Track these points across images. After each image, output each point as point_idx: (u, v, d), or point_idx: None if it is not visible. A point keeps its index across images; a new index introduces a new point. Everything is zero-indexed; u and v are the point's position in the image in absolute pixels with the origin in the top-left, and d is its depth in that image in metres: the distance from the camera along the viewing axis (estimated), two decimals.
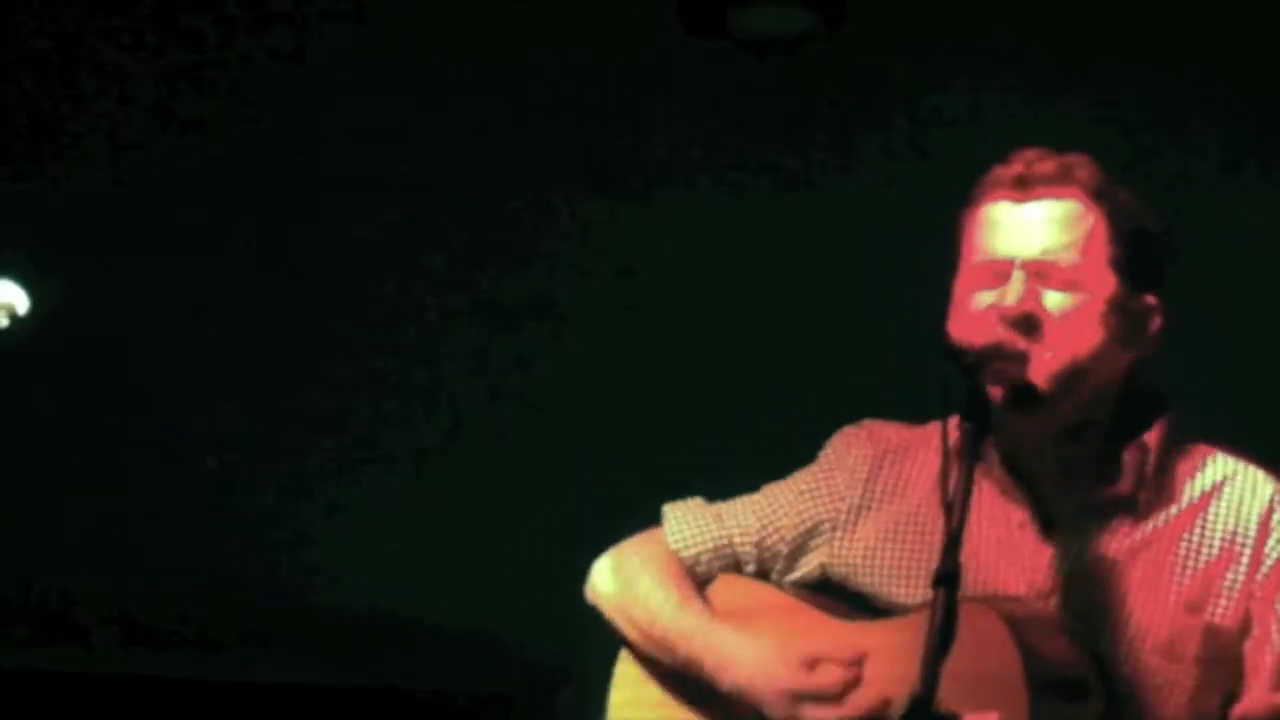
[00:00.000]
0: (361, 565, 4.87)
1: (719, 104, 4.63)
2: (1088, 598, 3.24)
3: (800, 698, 3.24)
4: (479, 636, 4.70)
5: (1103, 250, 3.22)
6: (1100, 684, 3.17)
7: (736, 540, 3.47)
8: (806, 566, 3.44)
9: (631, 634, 3.48)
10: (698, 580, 3.48)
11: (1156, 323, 3.27)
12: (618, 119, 4.68)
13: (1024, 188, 3.23)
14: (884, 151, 4.59)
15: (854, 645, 3.29)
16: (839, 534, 3.41)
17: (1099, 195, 3.23)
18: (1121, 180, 3.29)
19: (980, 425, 3.08)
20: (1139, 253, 3.24)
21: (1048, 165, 3.24)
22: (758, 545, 3.46)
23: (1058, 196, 3.23)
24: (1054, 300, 3.20)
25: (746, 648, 3.33)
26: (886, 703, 3.16)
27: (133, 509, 4.93)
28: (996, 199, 3.26)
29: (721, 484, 3.53)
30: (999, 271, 3.22)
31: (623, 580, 3.49)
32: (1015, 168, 3.25)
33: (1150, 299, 3.26)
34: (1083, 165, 3.25)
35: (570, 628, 3.56)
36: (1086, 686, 3.15)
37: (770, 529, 3.45)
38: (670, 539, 3.50)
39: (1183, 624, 3.21)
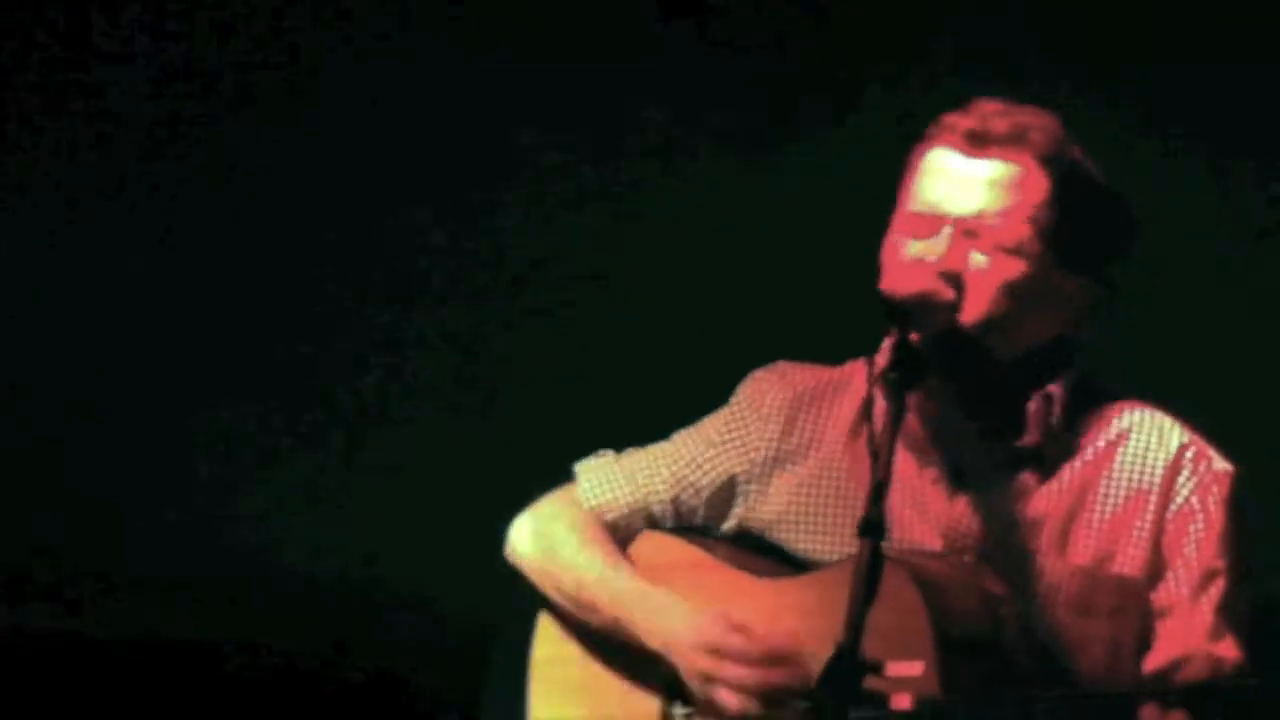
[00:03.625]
0: (292, 524, 4.84)
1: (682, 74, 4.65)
2: (1001, 554, 3.25)
3: (723, 656, 3.24)
4: (405, 595, 4.67)
5: (1041, 220, 3.20)
6: (1016, 640, 3.19)
7: (651, 501, 3.46)
8: (723, 521, 3.44)
9: (557, 597, 3.47)
10: (617, 539, 3.49)
11: (1086, 303, 3.26)
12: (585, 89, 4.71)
13: (975, 144, 3.21)
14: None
15: (773, 602, 3.30)
16: (754, 487, 3.40)
17: (1049, 162, 3.20)
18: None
19: (908, 375, 3.08)
20: (1081, 228, 3.22)
21: (1003, 125, 3.20)
22: (673, 502, 3.46)
23: (1006, 159, 3.20)
24: (979, 261, 3.19)
25: (678, 608, 3.32)
26: (806, 658, 3.16)
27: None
28: (946, 146, 3.23)
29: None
30: (932, 225, 3.22)
31: (545, 546, 3.48)
32: (970, 121, 3.22)
33: (1083, 280, 3.24)
34: (1039, 128, 3.21)
35: (494, 585, 3.55)
36: (997, 644, 3.16)
37: (685, 485, 3.45)
38: (585, 500, 3.49)
39: (1094, 578, 3.23)
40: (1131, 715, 3.02)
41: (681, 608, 3.31)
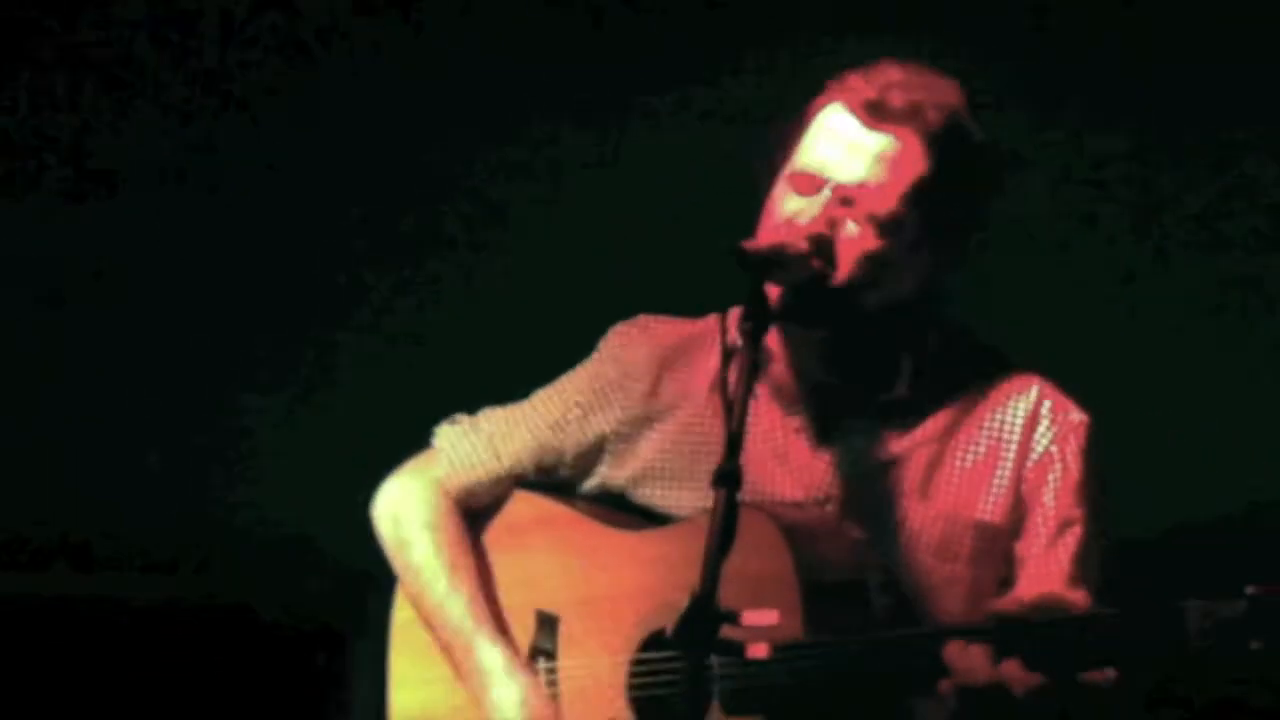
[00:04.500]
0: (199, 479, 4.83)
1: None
2: (864, 501, 3.28)
3: None
4: (290, 546, 4.67)
5: (918, 198, 3.22)
6: (880, 586, 3.22)
7: (514, 466, 3.48)
8: (587, 479, 3.46)
9: (405, 589, 3.50)
10: (479, 505, 3.49)
11: (952, 270, 3.30)
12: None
13: (872, 115, 3.22)
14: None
15: (633, 555, 3.32)
16: (621, 445, 3.42)
17: (938, 143, 3.22)
18: None
19: (760, 324, 3.10)
20: (956, 204, 3.25)
21: (901, 99, 3.22)
22: (536, 465, 3.47)
23: (898, 135, 3.22)
24: (850, 230, 3.22)
25: (499, 672, 3.35)
26: (667, 609, 3.16)
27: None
28: (844, 109, 3.25)
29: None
30: (813, 183, 3.24)
31: (401, 539, 3.49)
32: (871, 90, 3.23)
33: (953, 248, 3.28)
34: (934, 105, 3.23)
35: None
36: (862, 589, 3.20)
37: (547, 449, 3.46)
38: (444, 471, 3.49)
39: (955, 523, 3.27)
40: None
41: (506, 676, 3.34)
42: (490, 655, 3.38)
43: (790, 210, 3.23)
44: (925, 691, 3.05)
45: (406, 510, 3.49)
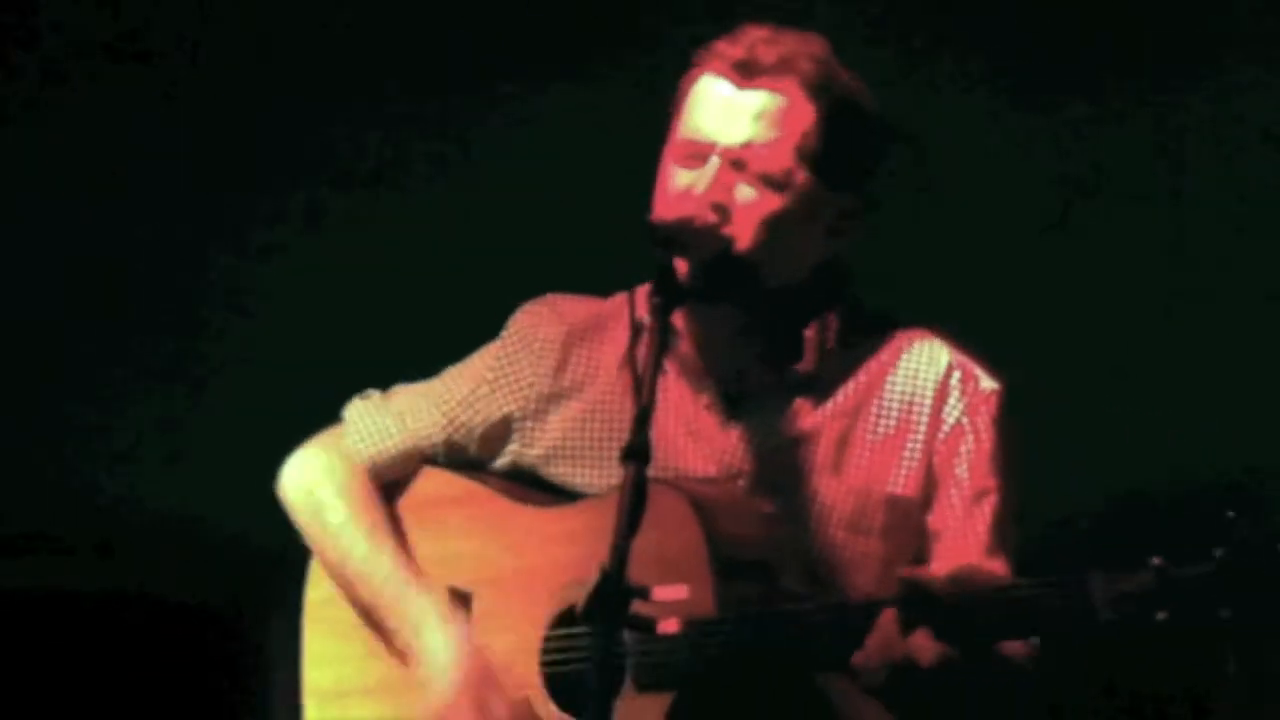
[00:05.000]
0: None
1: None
2: (775, 477, 3.28)
3: (462, 697, 3.27)
4: (198, 529, 4.65)
5: (807, 149, 3.21)
6: (790, 562, 3.21)
7: (422, 444, 3.46)
8: (497, 458, 3.44)
9: (321, 561, 3.48)
10: (386, 480, 3.47)
11: (853, 219, 3.28)
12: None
13: (744, 74, 3.22)
14: None
15: (545, 531, 3.31)
16: (530, 424, 3.41)
17: (817, 90, 3.22)
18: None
19: (669, 300, 3.09)
20: (846, 152, 3.24)
21: (770, 54, 3.22)
22: (445, 443, 3.46)
23: (774, 89, 3.22)
24: (745, 194, 3.21)
25: (431, 620, 3.33)
26: (579, 585, 3.14)
27: None
28: (715, 75, 3.24)
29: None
30: (699, 151, 3.23)
31: (313, 507, 3.47)
32: (738, 50, 3.23)
33: (849, 198, 3.27)
34: (805, 56, 3.23)
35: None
36: (772, 566, 3.19)
37: (457, 425, 3.44)
38: (354, 445, 3.47)
39: (867, 497, 3.26)
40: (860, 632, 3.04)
41: (438, 625, 3.32)
42: (421, 603, 3.35)
43: (683, 184, 3.22)
44: (837, 665, 3.06)
45: (317, 478, 3.46)
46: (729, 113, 3.22)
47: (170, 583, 4.75)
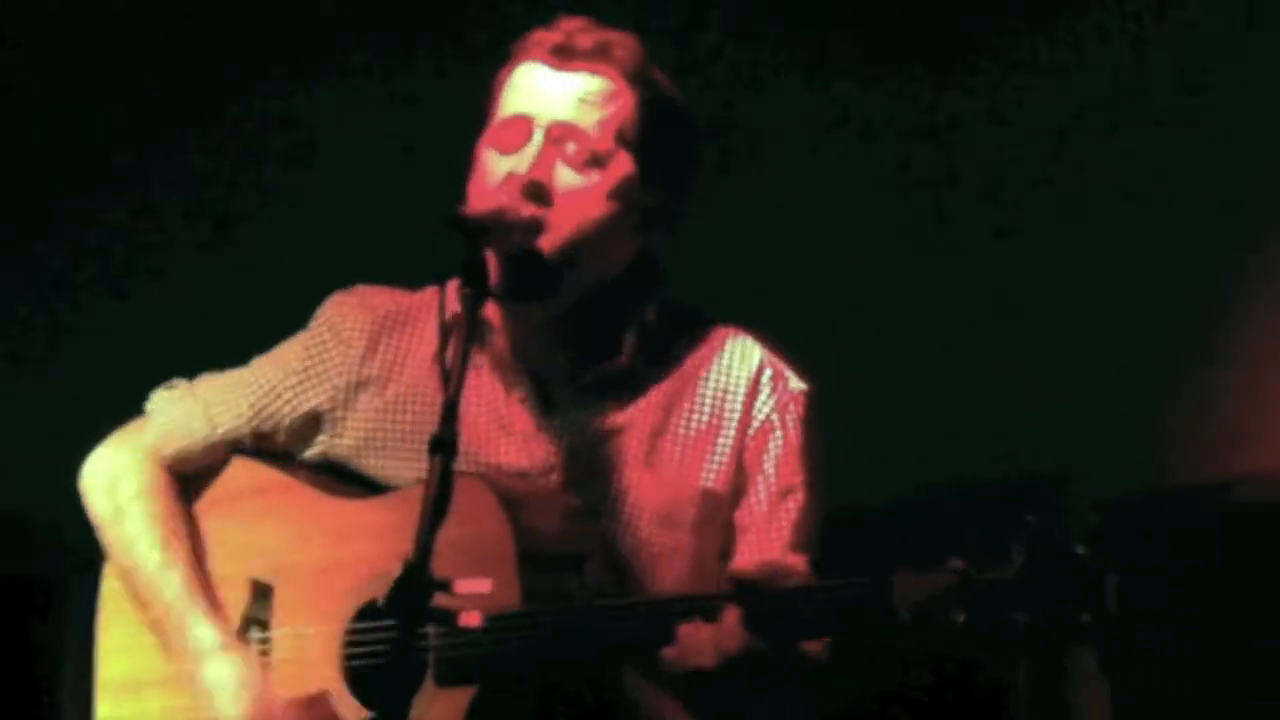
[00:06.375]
0: None
1: None
2: (587, 472, 3.27)
3: None
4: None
5: (627, 134, 3.22)
6: (600, 557, 3.21)
7: (229, 435, 3.42)
8: (307, 448, 3.41)
9: (115, 565, 3.43)
10: (193, 471, 3.43)
11: (669, 216, 3.29)
12: None
13: (562, 57, 3.22)
14: None
15: (350, 523, 3.28)
16: (339, 414, 3.38)
17: (634, 79, 3.23)
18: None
19: (478, 292, 3.06)
20: (663, 144, 3.25)
21: (588, 39, 3.23)
22: (253, 433, 3.42)
23: (593, 72, 3.23)
24: (567, 177, 3.20)
25: (214, 651, 3.30)
26: (383, 578, 3.11)
27: None
28: (533, 61, 3.24)
29: None
30: (521, 130, 3.22)
31: (114, 509, 3.42)
32: (556, 36, 3.24)
33: (666, 194, 3.28)
34: (623, 45, 3.24)
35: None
36: (580, 560, 3.19)
37: (265, 416, 3.41)
38: (158, 438, 3.43)
39: (678, 492, 3.27)
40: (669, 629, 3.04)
41: (221, 655, 3.29)
42: (203, 633, 3.32)
43: (503, 170, 3.21)
44: (641, 660, 3.06)
45: (118, 480, 3.42)
46: (551, 91, 3.22)
47: None
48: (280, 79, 4.64)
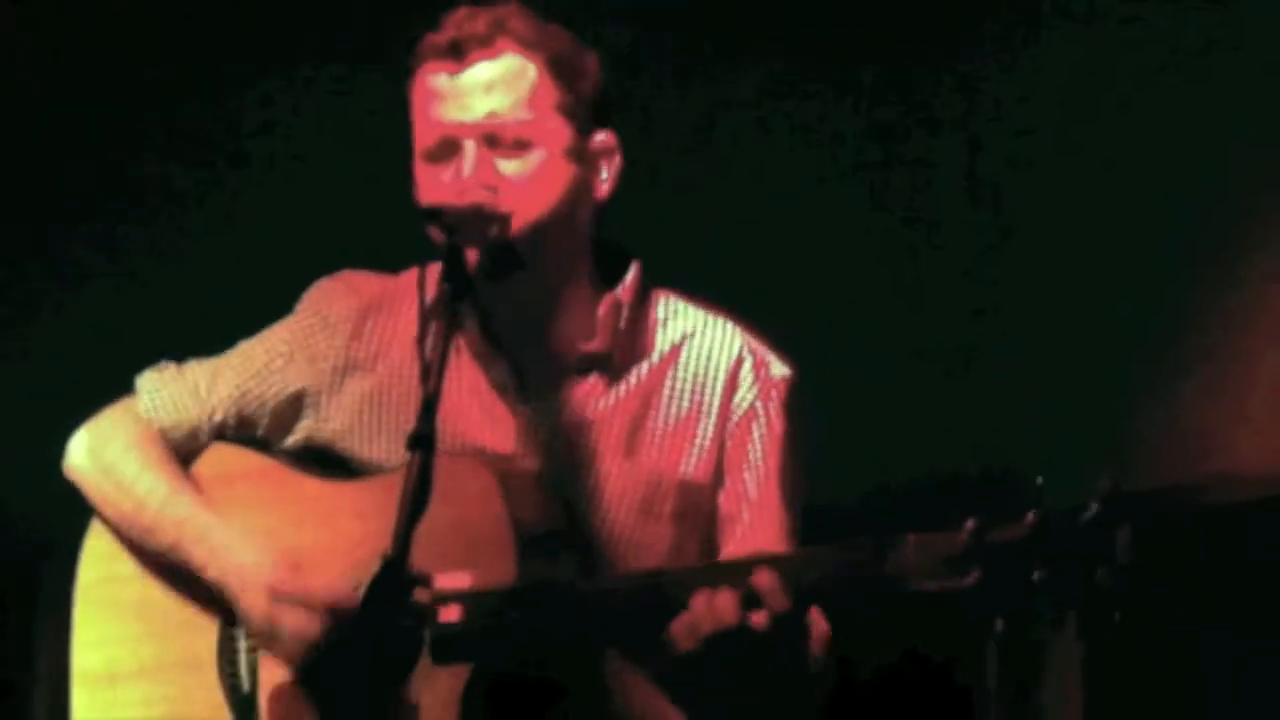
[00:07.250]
0: None
1: None
2: (565, 459, 3.26)
3: (280, 598, 3.19)
4: None
5: (549, 99, 3.21)
6: (580, 546, 3.20)
7: (215, 417, 3.41)
8: (289, 435, 3.40)
9: (115, 518, 3.40)
10: (181, 455, 3.41)
11: (616, 159, 3.28)
12: None
13: (457, 54, 3.20)
14: None
15: (339, 507, 3.27)
16: (323, 398, 3.36)
17: (534, 45, 3.22)
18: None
19: (458, 287, 3.06)
20: (583, 93, 3.24)
21: (477, 25, 3.21)
22: (238, 416, 3.41)
23: (493, 56, 3.20)
24: (510, 167, 3.19)
25: (239, 543, 3.28)
26: (374, 561, 3.05)
27: None
28: (434, 69, 3.22)
29: None
30: (447, 145, 3.20)
31: (105, 464, 3.40)
32: (446, 34, 3.22)
33: (603, 136, 3.27)
34: (513, 15, 3.23)
35: (55, 497, 3.47)
36: (568, 543, 3.18)
37: (250, 398, 3.39)
38: (146, 413, 3.42)
39: (658, 481, 3.25)
40: (679, 603, 3.01)
41: (246, 545, 3.27)
42: (226, 531, 3.28)
43: (446, 180, 3.19)
44: (639, 642, 3.05)
45: (105, 439, 3.41)
46: (459, 96, 3.20)
47: None
48: (266, 67, 4.64)
